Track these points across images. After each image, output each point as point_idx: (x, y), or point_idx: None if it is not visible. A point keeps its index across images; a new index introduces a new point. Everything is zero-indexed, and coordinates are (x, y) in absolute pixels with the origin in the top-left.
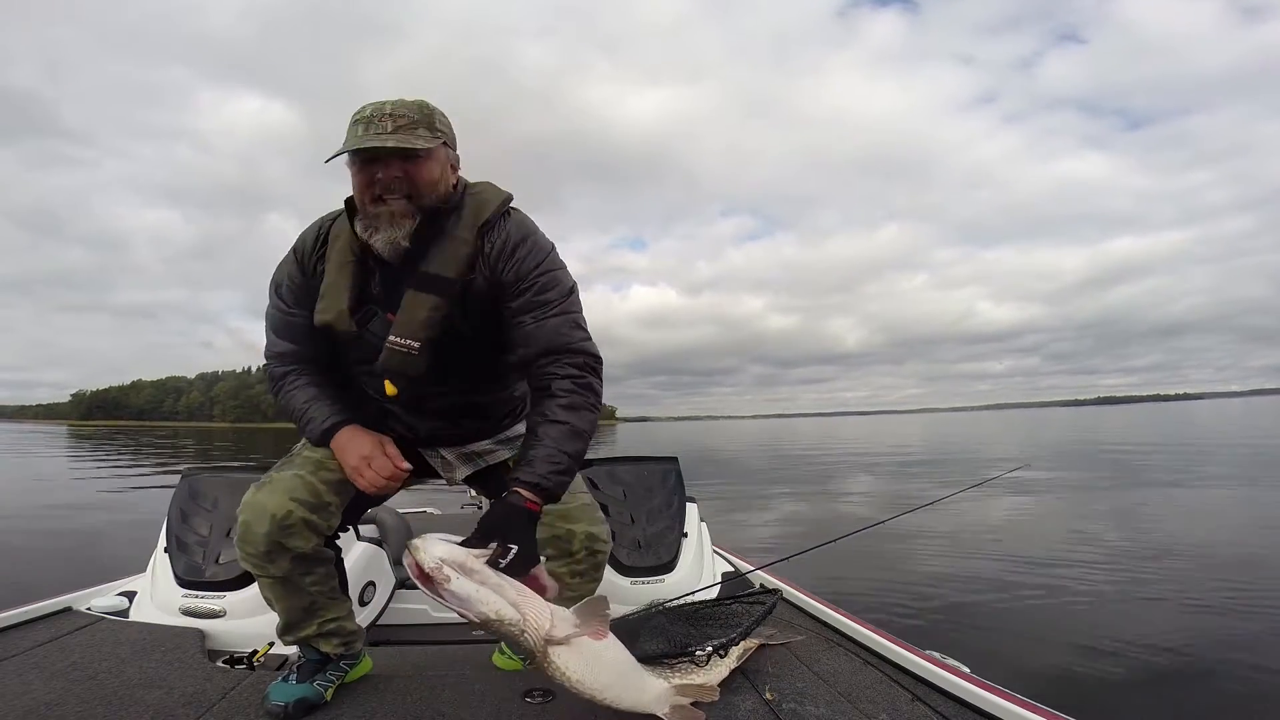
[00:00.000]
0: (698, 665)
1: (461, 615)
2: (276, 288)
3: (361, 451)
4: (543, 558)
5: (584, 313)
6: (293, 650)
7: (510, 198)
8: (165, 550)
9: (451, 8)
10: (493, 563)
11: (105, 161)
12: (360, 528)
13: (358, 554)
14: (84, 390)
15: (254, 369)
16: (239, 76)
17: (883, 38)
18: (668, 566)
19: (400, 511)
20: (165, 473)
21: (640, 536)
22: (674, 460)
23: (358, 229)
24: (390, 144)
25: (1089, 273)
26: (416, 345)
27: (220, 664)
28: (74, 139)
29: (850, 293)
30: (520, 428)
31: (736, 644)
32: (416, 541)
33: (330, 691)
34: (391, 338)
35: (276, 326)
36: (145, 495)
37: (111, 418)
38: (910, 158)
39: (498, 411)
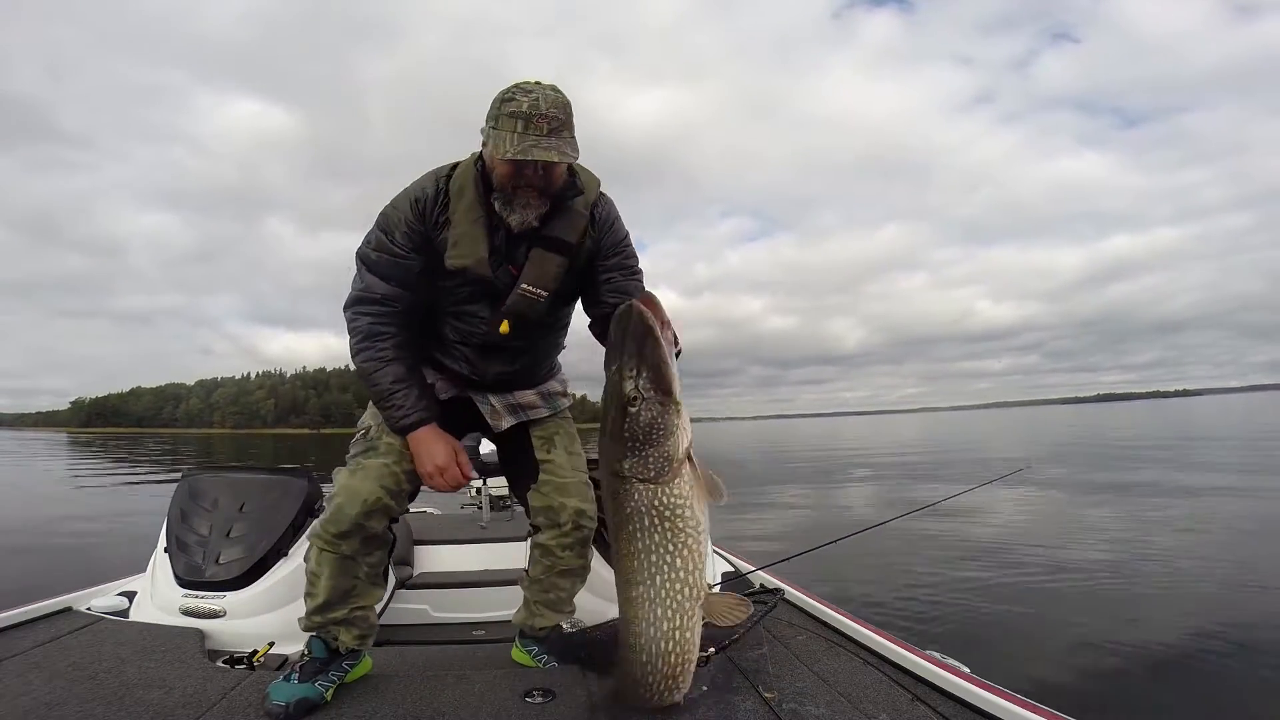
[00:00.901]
0: (699, 666)
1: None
2: (388, 233)
3: (437, 460)
4: (534, 526)
5: None
6: (292, 650)
7: (600, 180)
8: (165, 550)
9: (450, 8)
10: None
11: (103, 165)
12: None
13: None
14: (83, 398)
15: (253, 375)
16: (237, 80)
17: (879, 38)
18: None
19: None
20: (165, 473)
21: None
22: None
23: (496, 204)
24: (555, 158)
25: (1087, 270)
26: (545, 294)
27: (220, 664)
28: (72, 143)
29: (850, 293)
30: (555, 385)
31: (736, 643)
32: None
33: (330, 692)
34: (523, 285)
35: (383, 269)
36: (145, 496)
37: (111, 425)
38: (908, 158)
39: (547, 361)
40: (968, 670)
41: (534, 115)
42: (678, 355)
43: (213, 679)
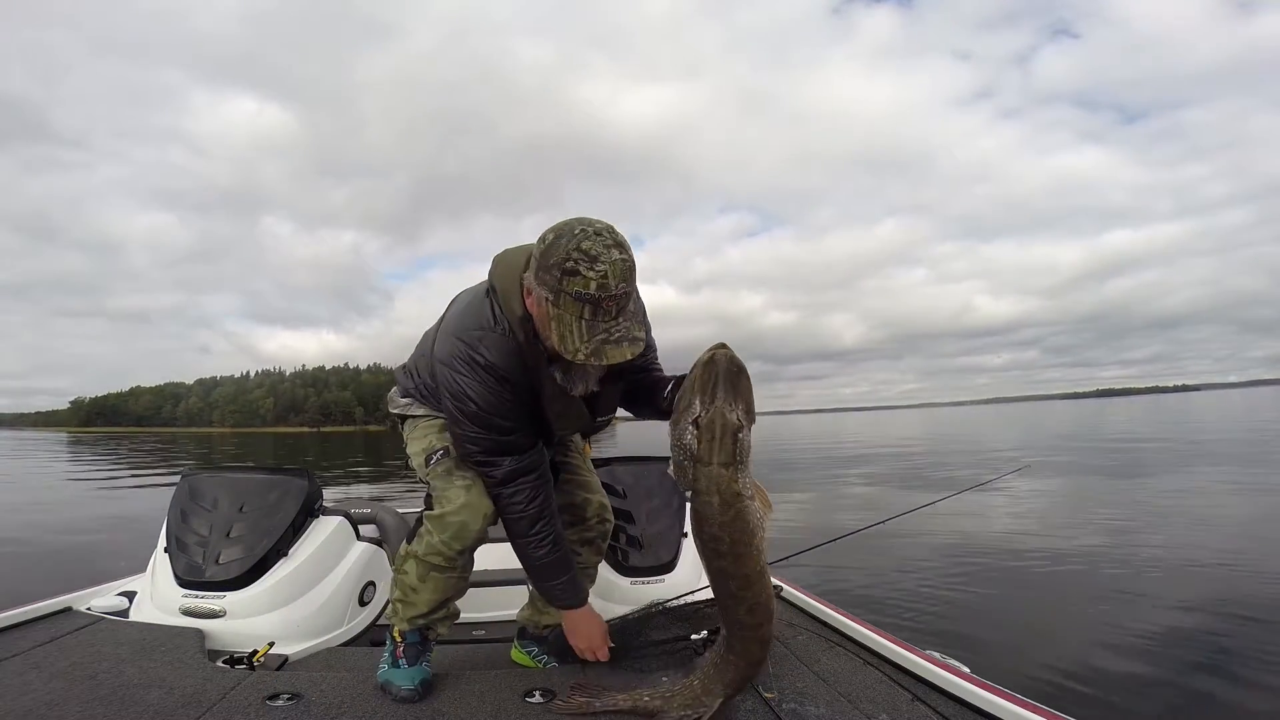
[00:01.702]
0: (697, 653)
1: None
2: (496, 412)
3: (593, 642)
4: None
5: None
6: (292, 650)
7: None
8: (165, 550)
9: (447, 6)
10: None
11: (99, 165)
12: (360, 528)
13: (358, 554)
14: (83, 397)
15: (253, 374)
16: (233, 78)
17: (878, 34)
18: (668, 566)
19: (400, 512)
20: (165, 474)
21: (640, 536)
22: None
23: (558, 375)
24: (628, 355)
25: (1087, 266)
26: (612, 416)
27: (220, 664)
28: (67, 143)
29: (849, 289)
30: None
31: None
32: None
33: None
34: (599, 419)
35: (514, 446)
36: (145, 496)
37: (111, 424)
38: (908, 153)
39: None
40: (968, 670)
41: (603, 298)
42: None
43: (213, 679)
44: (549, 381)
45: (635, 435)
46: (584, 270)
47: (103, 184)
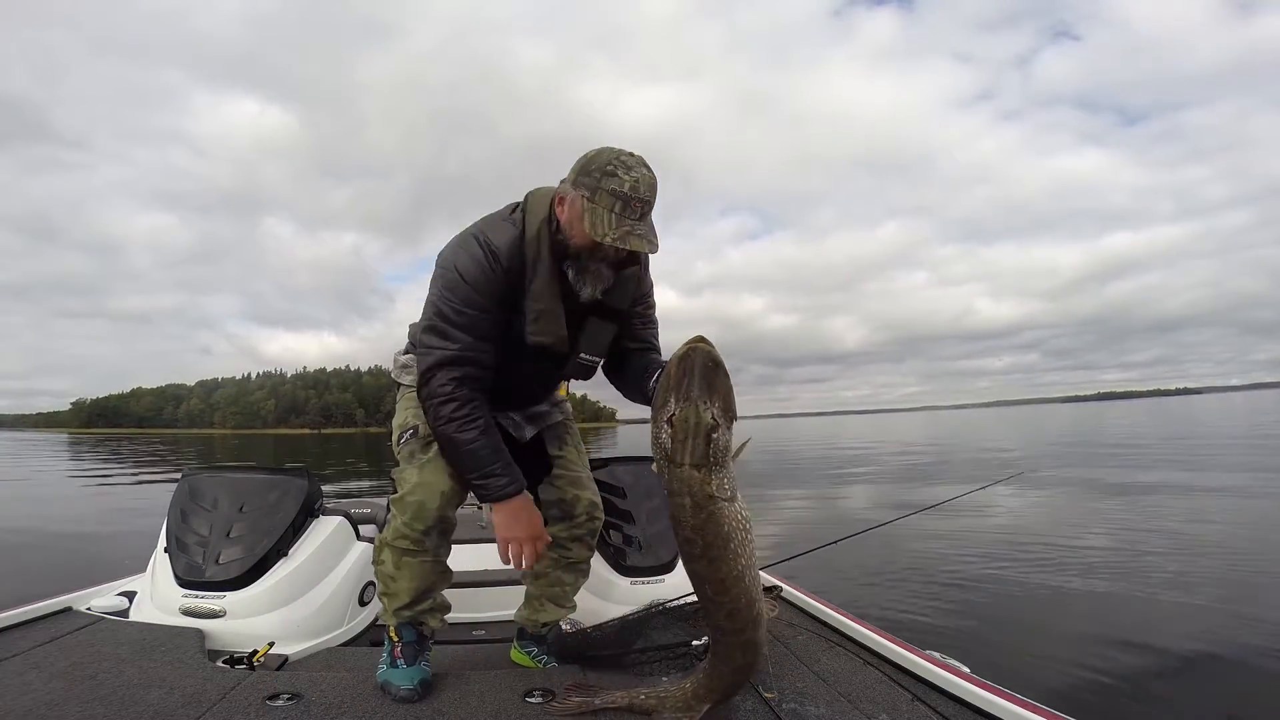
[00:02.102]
0: (697, 659)
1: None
2: (475, 286)
3: (532, 530)
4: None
5: None
6: (292, 650)
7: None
8: (165, 550)
9: (447, 6)
10: None
11: (100, 166)
12: (360, 528)
13: (358, 554)
14: (84, 399)
15: (254, 375)
16: (234, 79)
17: (879, 36)
18: (668, 567)
19: None
20: (166, 474)
21: (640, 536)
22: None
23: (569, 273)
24: (647, 249)
25: (1088, 268)
26: (599, 360)
27: (220, 664)
28: (68, 144)
29: (850, 291)
30: (559, 393)
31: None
32: None
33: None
34: (582, 354)
35: (472, 326)
36: (145, 496)
37: (112, 425)
38: (909, 155)
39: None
40: (968, 670)
41: (633, 198)
42: None
43: (213, 679)
44: (549, 279)
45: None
46: (621, 173)
47: (104, 185)
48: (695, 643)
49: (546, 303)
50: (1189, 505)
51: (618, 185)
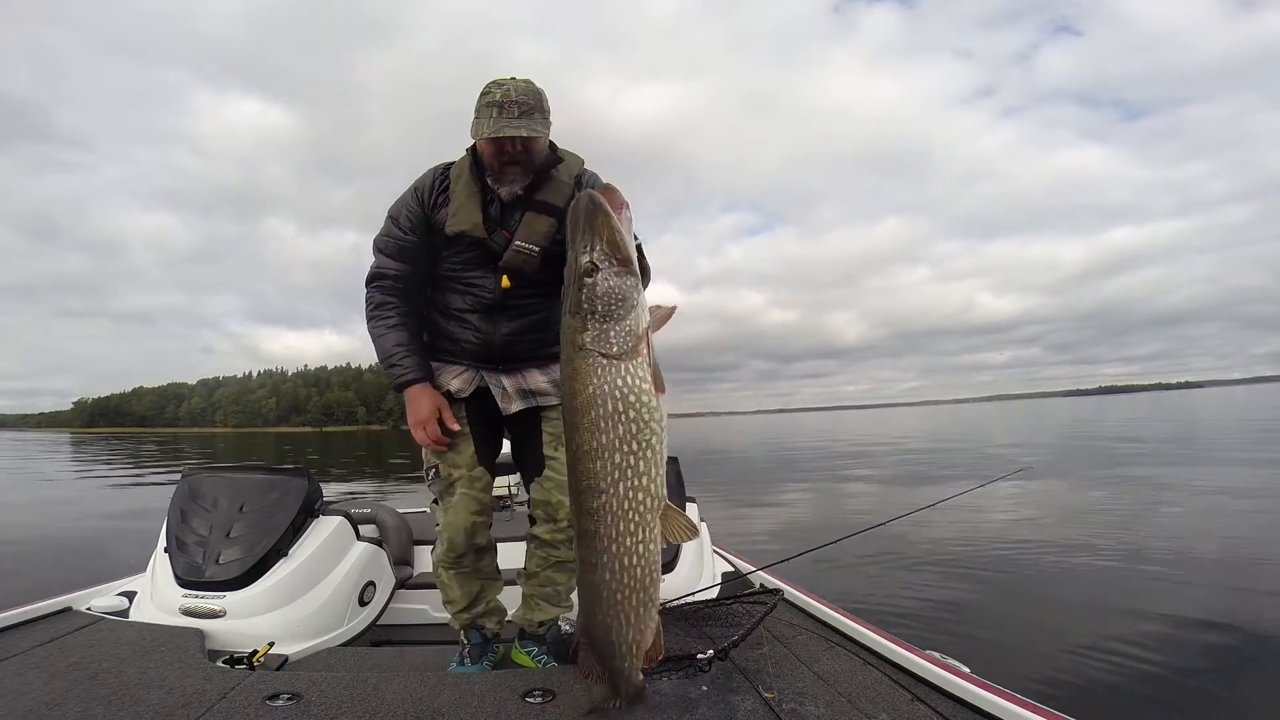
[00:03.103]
0: (702, 670)
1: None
2: (395, 219)
3: (420, 415)
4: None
5: None
6: (292, 650)
7: (584, 160)
8: (165, 550)
9: (449, 6)
10: None
11: (103, 166)
12: (360, 528)
13: (358, 554)
14: (86, 398)
15: (255, 374)
16: (236, 79)
17: (879, 32)
18: (667, 567)
19: (400, 512)
20: (167, 473)
21: None
22: (674, 460)
23: (489, 180)
24: (523, 133)
25: (1089, 263)
26: (536, 249)
27: (220, 664)
28: (70, 144)
29: (851, 287)
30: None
31: (737, 645)
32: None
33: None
34: (517, 242)
35: (389, 250)
36: (145, 496)
37: (114, 425)
38: (910, 151)
39: (551, 329)
40: (968, 670)
41: (506, 102)
42: (639, 249)
43: (213, 679)
44: (467, 184)
45: None
46: (494, 90)
47: (106, 184)
48: (700, 656)
49: (462, 200)
50: (1189, 502)
51: (490, 98)
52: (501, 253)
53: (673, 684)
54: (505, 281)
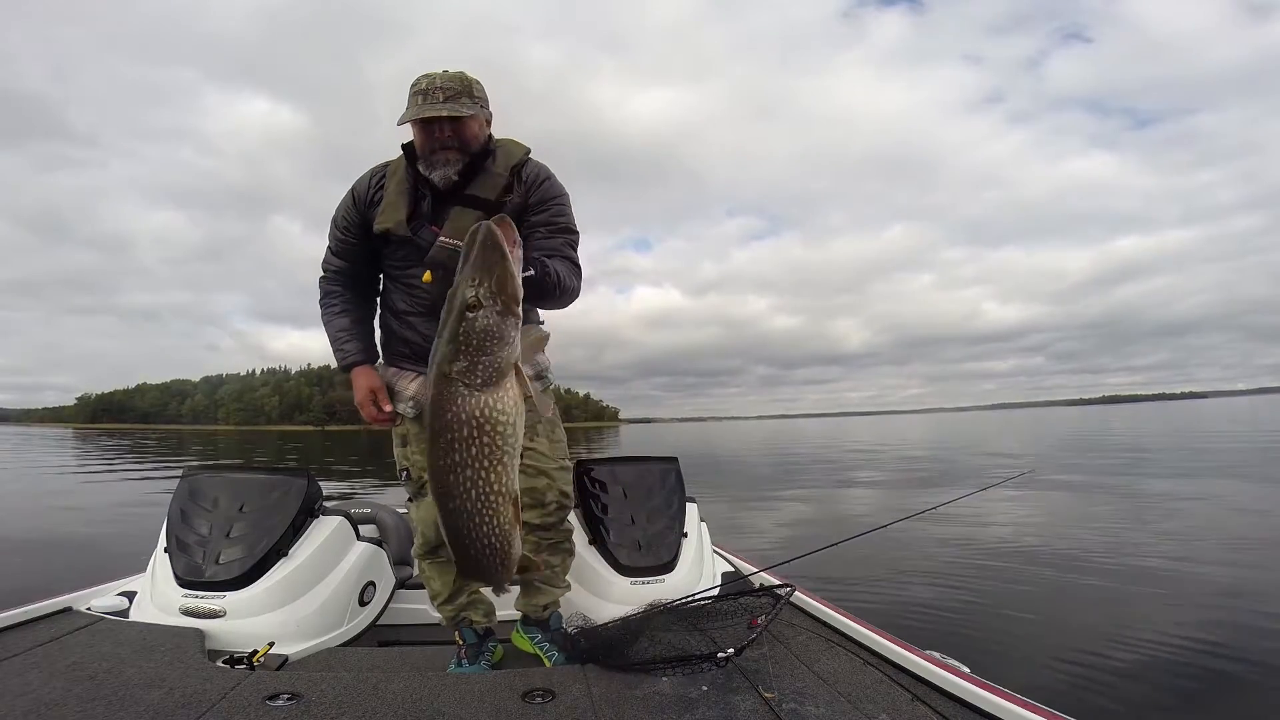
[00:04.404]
0: (718, 666)
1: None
2: (335, 221)
3: (358, 396)
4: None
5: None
6: (292, 650)
7: (530, 149)
8: (165, 550)
9: (457, 7)
10: None
11: (111, 163)
12: (360, 528)
13: (358, 554)
14: (89, 394)
15: (258, 371)
16: (245, 78)
17: (888, 38)
18: (668, 567)
19: (400, 511)
20: (168, 472)
21: (640, 537)
22: (674, 460)
23: (420, 168)
24: (444, 113)
25: (1095, 272)
26: (460, 244)
27: (220, 664)
28: (80, 141)
29: (856, 293)
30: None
31: (750, 646)
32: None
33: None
34: (441, 238)
35: (333, 248)
36: (146, 495)
37: (116, 421)
38: (917, 158)
39: None
40: (968, 670)
41: (431, 89)
42: (528, 278)
43: (213, 679)
44: (399, 179)
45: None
46: (420, 80)
47: (114, 182)
48: (720, 655)
49: (391, 198)
50: (1189, 509)
51: (417, 87)
52: (429, 249)
53: (673, 684)
54: (427, 276)
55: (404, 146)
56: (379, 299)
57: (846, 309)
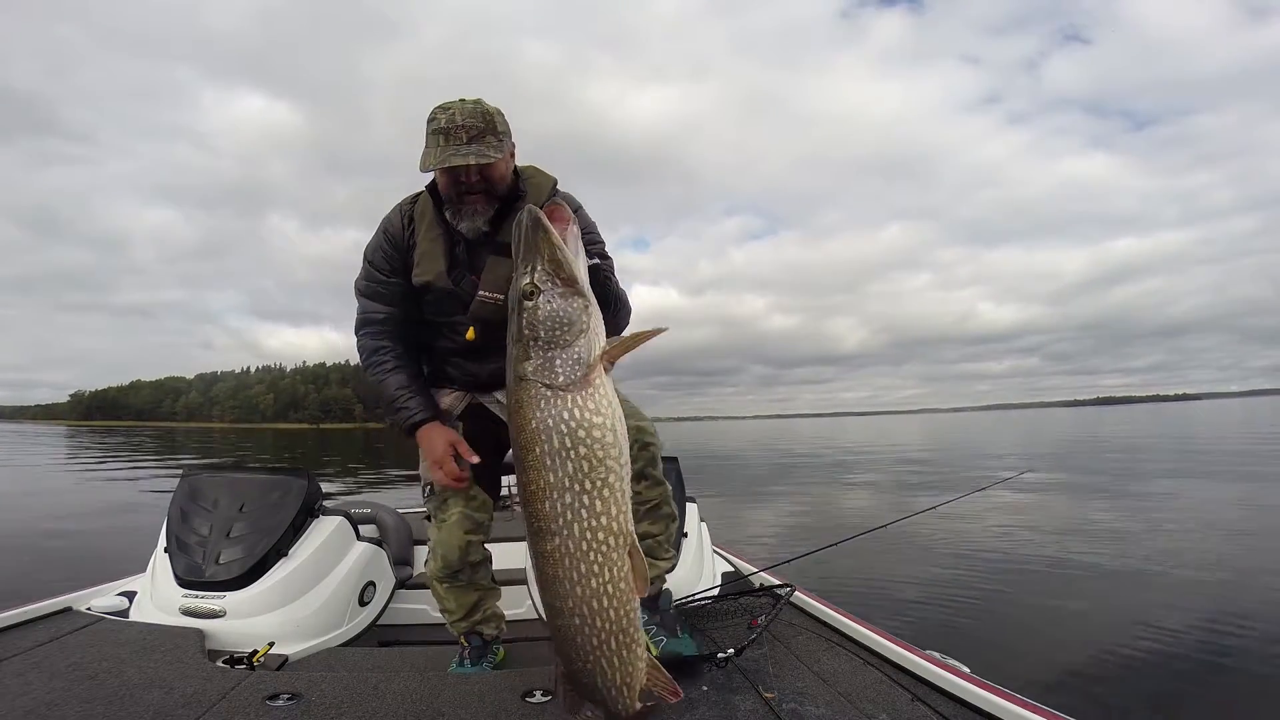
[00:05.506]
0: (717, 666)
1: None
2: (371, 262)
3: (435, 455)
4: None
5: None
6: (292, 650)
7: (557, 180)
8: (165, 550)
9: (454, 5)
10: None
11: (107, 160)
12: (360, 528)
13: (358, 554)
14: (83, 391)
15: (253, 369)
16: (241, 75)
17: (887, 37)
18: None
19: (400, 511)
20: (166, 470)
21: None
22: (674, 460)
23: (447, 215)
24: (472, 160)
25: (1091, 273)
26: (501, 297)
27: (220, 664)
28: (75, 138)
29: (853, 293)
30: None
31: (750, 646)
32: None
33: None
34: (481, 292)
35: (373, 293)
36: (145, 495)
37: (110, 418)
38: (915, 157)
39: None
40: (968, 670)
41: (452, 128)
42: (595, 269)
43: (213, 679)
44: (430, 226)
45: None
46: (439, 115)
47: (109, 179)
48: (720, 656)
49: (425, 246)
50: (1184, 509)
51: (436, 125)
52: (470, 299)
53: None
54: (471, 334)
55: (429, 189)
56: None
57: (843, 309)
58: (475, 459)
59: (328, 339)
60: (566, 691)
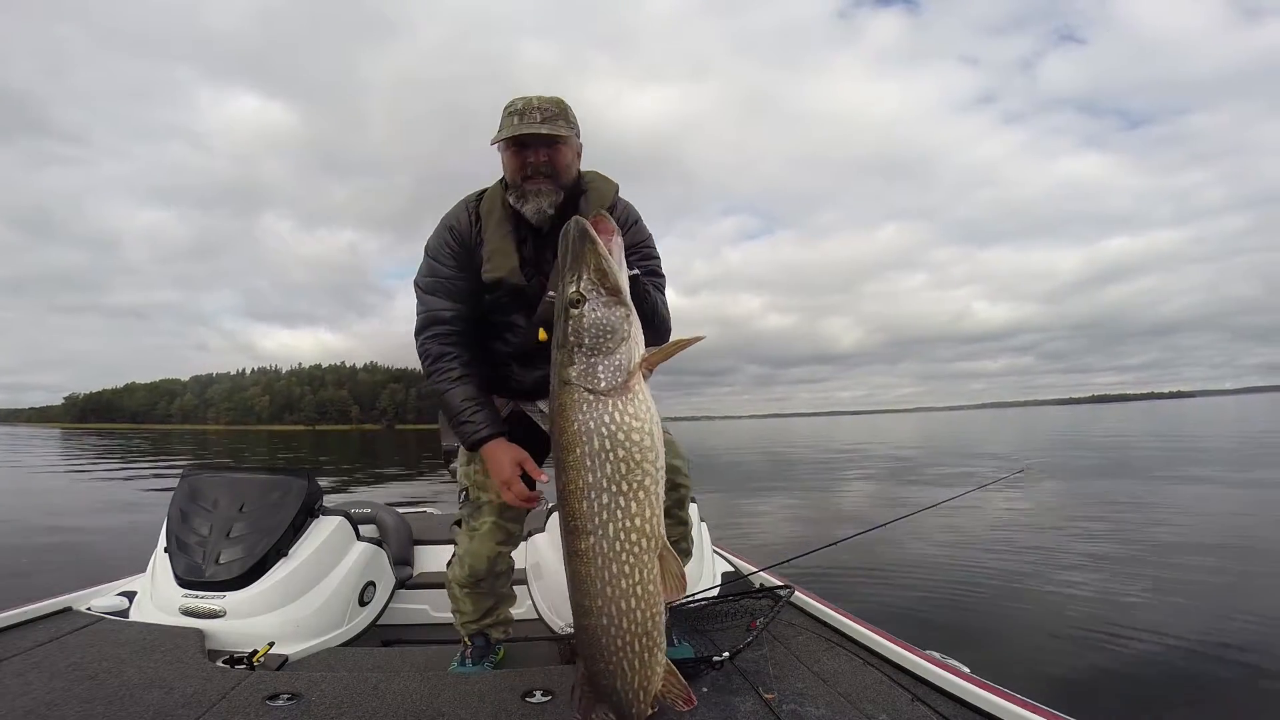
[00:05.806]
0: (714, 669)
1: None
2: (435, 258)
3: (502, 475)
4: None
5: None
6: (292, 650)
7: (618, 185)
8: (165, 550)
9: (451, 5)
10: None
11: (101, 161)
12: (360, 528)
13: (358, 554)
14: (77, 393)
15: (248, 371)
16: (237, 75)
17: (883, 37)
18: None
19: (400, 511)
20: (163, 472)
21: None
22: None
23: (511, 198)
24: (543, 130)
25: (1085, 272)
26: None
27: (220, 664)
28: (69, 139)
29: (849, 292)
30: None
31: (748, 648)
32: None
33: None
34: (551, 292)
35: (437, 290)
36: (144, 495)
37: (105, 421)
38: (911, 157)
39: None
40: (968, 670)
41: (527, 109)
42: (635, 280)
43: (213, 679)
44: (500, 221)
45: None
46: (516, 101)
47: (103, 180)
48: (716, 658)
49: (496, 242)
50: (1183, 506)
51: (512, 109)
52: (538, 298)
53: None
54: (542, 335)
55: (502, 182)
56: None
57: (839, 308)
58: (544, 477)
59: (323, 340)
60: (584, 693)
